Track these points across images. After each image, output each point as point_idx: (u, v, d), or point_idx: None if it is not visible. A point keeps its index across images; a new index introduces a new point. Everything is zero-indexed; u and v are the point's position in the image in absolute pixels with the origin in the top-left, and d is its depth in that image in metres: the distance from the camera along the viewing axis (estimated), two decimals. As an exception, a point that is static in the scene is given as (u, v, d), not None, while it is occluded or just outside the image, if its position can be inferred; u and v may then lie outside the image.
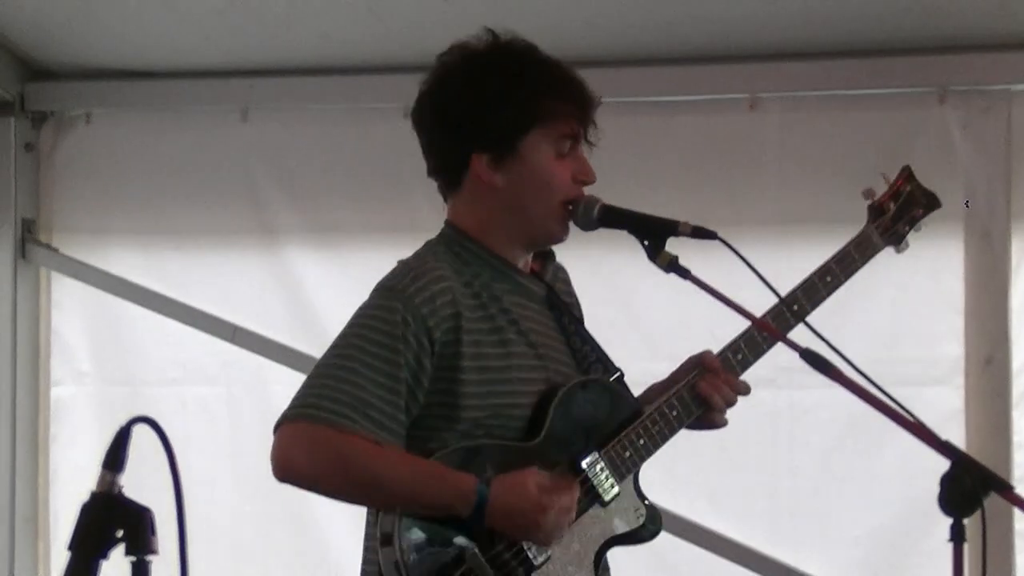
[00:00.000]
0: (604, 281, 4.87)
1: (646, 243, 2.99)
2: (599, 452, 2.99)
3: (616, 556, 3.12)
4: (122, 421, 2.34)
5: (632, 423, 3.04)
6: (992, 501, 2.62)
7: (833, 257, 3.25)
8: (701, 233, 2.97)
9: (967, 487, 2.60)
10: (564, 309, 3.12)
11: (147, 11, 4.98)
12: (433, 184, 3.10)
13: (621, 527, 3.03)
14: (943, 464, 2.64)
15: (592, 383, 3.06)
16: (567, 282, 3.22)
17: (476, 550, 2.86)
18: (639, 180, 4.82)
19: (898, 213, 3.35)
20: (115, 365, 5.30)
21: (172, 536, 2.31)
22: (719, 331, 3.18)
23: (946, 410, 4.73)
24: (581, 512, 2.96)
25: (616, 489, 2.99)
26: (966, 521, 2.61)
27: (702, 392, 3.10)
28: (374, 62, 5.03)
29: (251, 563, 5.07)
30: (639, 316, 4.84)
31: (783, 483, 4.90)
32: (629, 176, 4.83)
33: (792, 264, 3.45)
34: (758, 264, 3.08)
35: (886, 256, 4.86)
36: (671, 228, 2.98)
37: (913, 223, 3.37)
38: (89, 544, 2.28)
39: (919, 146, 4.87)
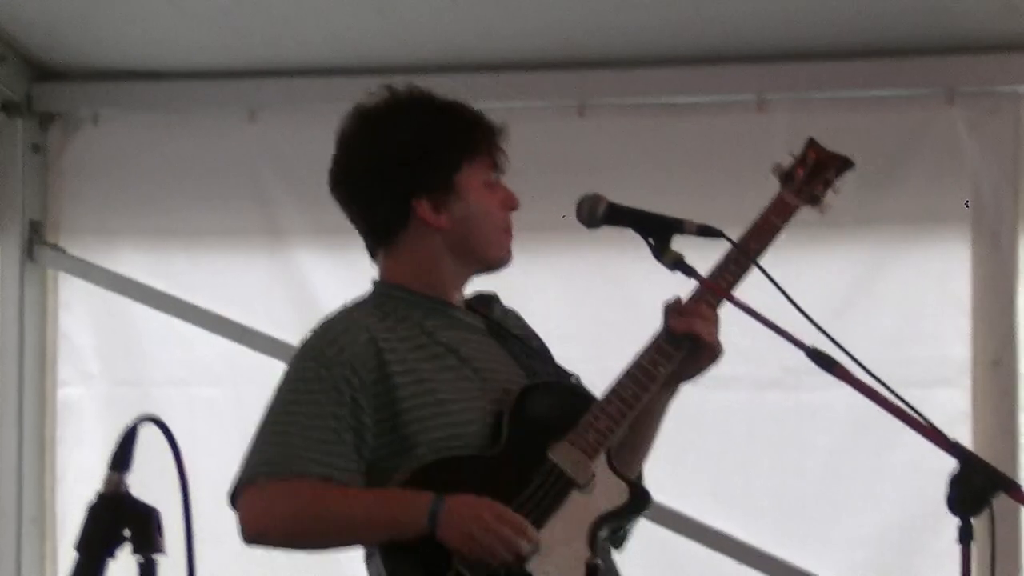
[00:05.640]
0: (609, 281, 4.88)
1: (651, 241, 3.00)
2: (563, 440, 3.01)
3: (621, 553, 3.13)
4: (129, 421, 2.34)
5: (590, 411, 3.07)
6: (1000, 501, 2.62)
7: (753, 225, 3.23)
8: (707, 231, 2.99)
9: (975, 487, 2.60)
10: (507, 335, 3.17)
11: (154, 12, 4.98)
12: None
13: (606, 505, 3.03)
14: (951, 465, 2.64)
15: (541, 385, 3.10)
16: (518, 317, 3.28)
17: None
18: (646, 181, 4.82)
19: (808, 176, 3.32)
20: (122, 366, 5.30)
21: (179, 536, 2.31)
22: (726, 329, 3.17)
23: (953, 411, 4.73)
24: (561, 499, 2.99)
25: (589, 472, 3.01)
26: (974, 521, 2.61)
27: (678, 329, 3.09)
28: (382, 62, 5.03)
29: (258, 563, 5.07)
30: (645, 316, 4.83)
31: (790, 483, 4.90)
32: (636, 178, 4.83)
33: (799, 265, 3.45)
34: (763, 264, 3.08)
35: (893, 257, 4.89)
36: (676, 226, 3.01)
37: (828, 185, 3.34)
38: (96, 544, 2.28)
39: (927, 147, 4.88)
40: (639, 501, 3.08)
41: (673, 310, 3.11)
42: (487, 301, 3.22)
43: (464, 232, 3.08)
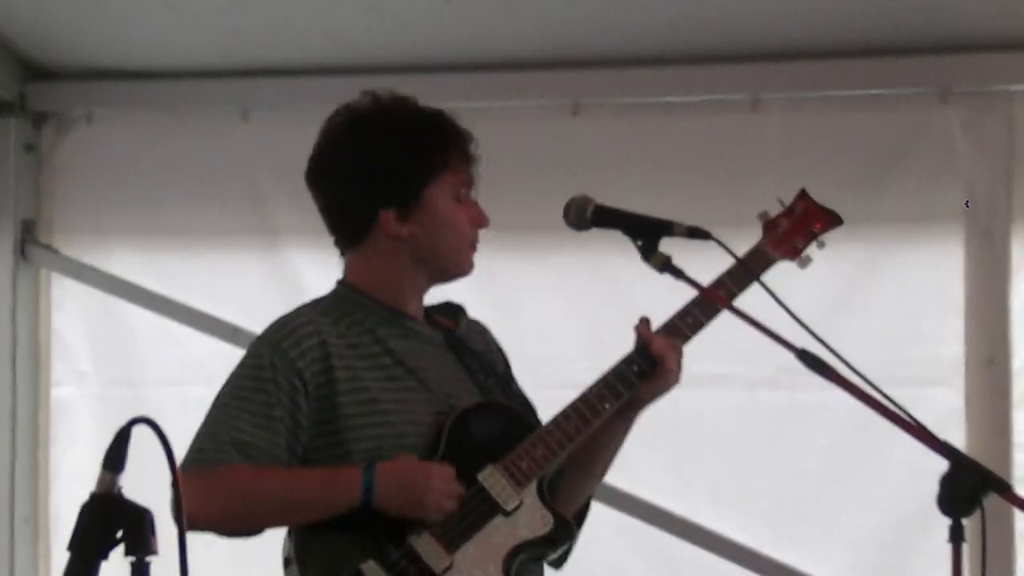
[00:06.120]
0: (606, 279, 4.87)
1: (640, 243, 3.00)
2: (495, 465, 3.03)
3: (620, 555, 3.13)
4: (122, 422, 2.34)
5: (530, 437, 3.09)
6: (992, 502, 2.62)
7: (728, 270, 3.19)
8: (696, 233, 2.98)
9: (966, 487, 2.60)
10: (464, 350, 3.18)
11: (148, 11, 4.98)
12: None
13: (527, 534, 3.05)
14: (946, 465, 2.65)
15: (485, 405, 3.11)
16: (484, 332, 3.29)
17: (374, 563, 2.95)
18: (641, 181, 4.82)
19: (792, 228, 3.29)
20: (115, 366, 5.30)
21: (172, 537, 2.31)
22: (723, 329, 3.17)
23: (947, 410, 4.73)
24: (483, 522, 3.02)
25: (517, 498, 3.03)
26: (967, 522, 2.61)
27: (656, 349, 3.11)
28: (376, 62, 5.03)
29: (251, 564, 5.06)
30: (642, 314, 4.83)
31: (786, 484, 4.90)
32: (631, 177, 4.83)
33: (793, 266, 3.44)
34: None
35: (887, 257, 4.90)
36: (665, 228, 3.00)
37: (811, 237, 3.31)
38: (89, 545, 2.28)
39: (920, 147, 4.88)
40: (561, 533, 3.09)
41: (646, 338, 3.13)
42: (453, 311, 3.23)
43: (430, 243, 3.10)
